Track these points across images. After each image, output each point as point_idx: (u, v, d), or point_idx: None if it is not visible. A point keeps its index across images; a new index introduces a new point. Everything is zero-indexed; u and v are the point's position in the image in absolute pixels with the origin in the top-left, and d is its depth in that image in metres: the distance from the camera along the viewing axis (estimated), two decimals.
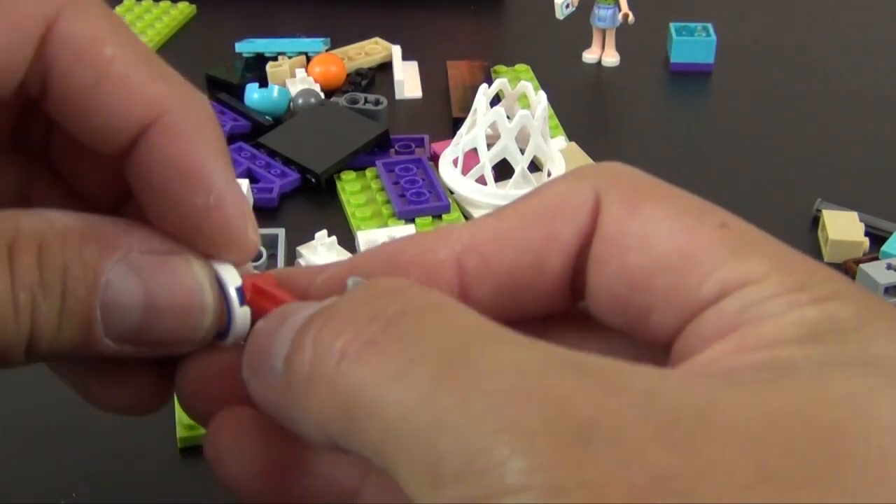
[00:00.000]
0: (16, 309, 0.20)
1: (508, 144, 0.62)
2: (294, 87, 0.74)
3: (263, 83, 0.73)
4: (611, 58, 0.82)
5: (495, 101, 0.68)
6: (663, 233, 0.21)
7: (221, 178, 0.22)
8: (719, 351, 0.19)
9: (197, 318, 0.22)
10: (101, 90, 0.22)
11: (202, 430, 0.46)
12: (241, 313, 0.23)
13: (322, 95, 0.73)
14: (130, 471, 0.45)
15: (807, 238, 0.61)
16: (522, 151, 0.62)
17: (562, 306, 0.23)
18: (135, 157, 0.22)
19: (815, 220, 0.62)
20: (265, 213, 0.63)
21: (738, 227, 0.21)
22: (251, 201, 0.63)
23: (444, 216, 0.62)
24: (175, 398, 0.25)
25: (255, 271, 0.24)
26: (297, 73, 0.76)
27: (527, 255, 0.22)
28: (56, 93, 0.22)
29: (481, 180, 0.63)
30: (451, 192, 0.63)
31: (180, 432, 0.46)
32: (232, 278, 0.23)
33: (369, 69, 0.81)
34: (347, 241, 0.59)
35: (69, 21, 0.21)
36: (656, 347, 0.21)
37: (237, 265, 0.23)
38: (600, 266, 0.22)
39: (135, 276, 0.21)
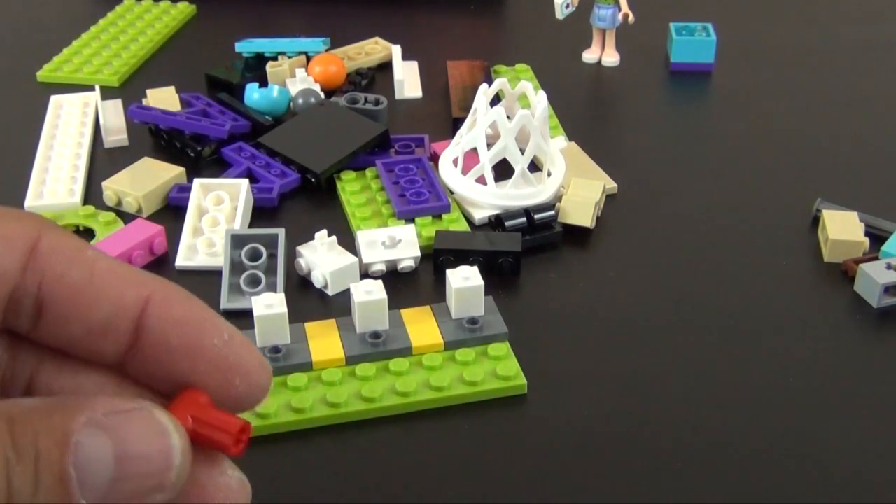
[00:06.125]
0: None
1: (508, 144, 0.62)
2: (294, 87, 0.74)
3: (263, 83, 0.73)
4: (611, 58, 0.82)
5: (495, 100, 0.68)
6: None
7: (225, 322, 0.26)
8: None
9: (167, 459, 0.24)
10: (96, 284, 0.25)
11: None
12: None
13: (322, 95, 0.73)
14: None
15: (807, 238, 0.61)
16: (522, 151, 0.62)
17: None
18: (142, 332, 0.26)
19: (816, 220, 0.62)
20: (265, 213, 0.63)
21: None
22: (251, 201, 0.63)
23: (444, 216, 0.62)
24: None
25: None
26: (297, 73, 0.76)
27: None
28: (52, 299, 0.25)
29: (481, 180, 0.63)
30: (451, 192, 0.63)
31: None
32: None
33: (369, 69, 0.81)
34: (347, 240, 0.59)
35: (51, 237, 0.25)
36: None
37: (259, 390, 0.26)
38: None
39: (103, 433, 0.23)
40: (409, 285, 0.57)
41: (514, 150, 0.62)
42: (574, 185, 0.62)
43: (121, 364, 0.26)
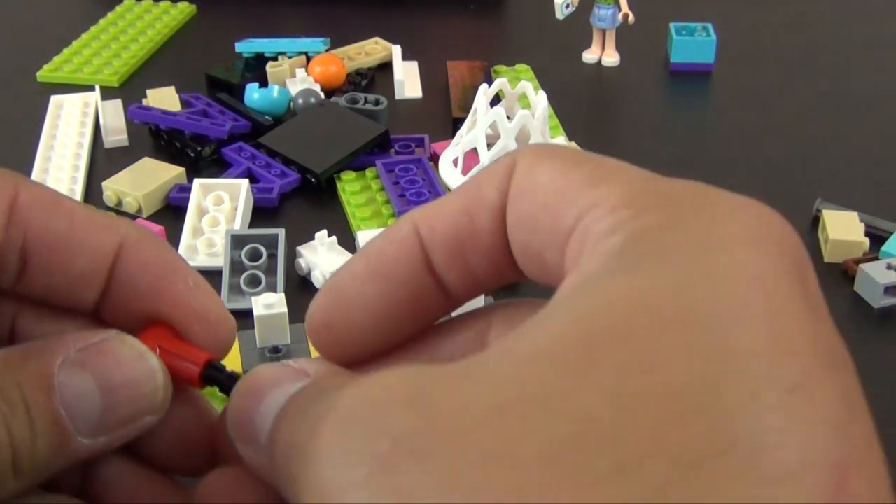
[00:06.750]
0: None
1: (508, 144, 0.62)
2: (294, 87, 0.74)
3: (263, 83, 0.73)
4: (611, 58, 0.82)
5: (495, 101, 0.68)
6: (545, 179, 0.23)
7: (192, 270, 0.27)
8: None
9: (150, 380, 0.25)
10: (76, 233, 0.26)
11: None
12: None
13: (322, 95, 0.73)
14: None
15: (807, 238, 0.61)
16: None
17: (510, 274, 0.25)
18: (115, 272, 0.26)
19: (815, 220, 0.62)
20: (265, 213, 0.63)
21: (611, 163, 0.23)
22: (251, 201, 0.63)
23: None
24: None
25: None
26: (297, 73, 0.76)
27: (462, 217, 0.24)
28: (35, 252, 0.25)
29: None
30: None
31: None
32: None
33: (369, 69, 0.81)
34: (347, 241, 0.59)
35: (28, 189, 0.25)
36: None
37: (220, 343, 0.27)
38: (508, 219, 0.23)
39: (81, 369, 0.24)
40: None
41: None
42: None
43: (97, 309, 0.26)
